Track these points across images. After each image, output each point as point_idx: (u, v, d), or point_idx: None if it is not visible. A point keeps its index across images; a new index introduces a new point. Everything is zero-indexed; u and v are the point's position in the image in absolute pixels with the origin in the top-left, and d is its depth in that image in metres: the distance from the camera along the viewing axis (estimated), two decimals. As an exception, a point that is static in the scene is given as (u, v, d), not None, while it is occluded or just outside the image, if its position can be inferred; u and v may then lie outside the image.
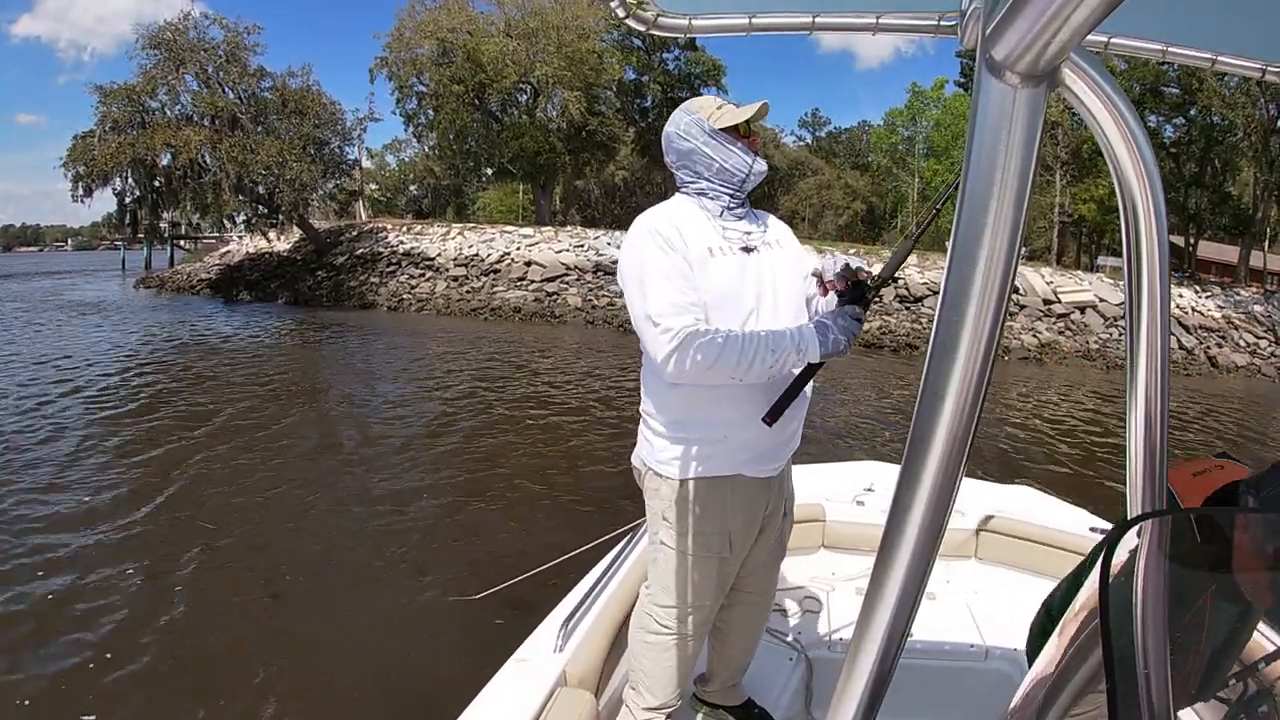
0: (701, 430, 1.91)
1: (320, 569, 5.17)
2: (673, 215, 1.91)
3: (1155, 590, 0.89)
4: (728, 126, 1.91)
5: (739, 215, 1.96)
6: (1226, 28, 1.16)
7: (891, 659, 0.71)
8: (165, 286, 31.98)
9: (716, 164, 1.90)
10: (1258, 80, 1.25)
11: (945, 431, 0.64)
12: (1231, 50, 1.17)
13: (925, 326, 20.13)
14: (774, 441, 1.94)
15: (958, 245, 0.63)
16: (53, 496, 6.42)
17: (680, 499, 1.96)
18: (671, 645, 2.04)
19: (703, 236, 1.87)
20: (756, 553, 2.11)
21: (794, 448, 2.06)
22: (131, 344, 16.35)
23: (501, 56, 32.02)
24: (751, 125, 1.95)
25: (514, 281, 24.30)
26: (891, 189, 46.64)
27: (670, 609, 2.03)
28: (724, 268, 1.85)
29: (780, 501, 2.11)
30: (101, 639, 4.22)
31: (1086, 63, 0.72)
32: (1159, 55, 1.18)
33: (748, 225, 1.96)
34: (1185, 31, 1.15)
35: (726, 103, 1.95)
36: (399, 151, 61.12)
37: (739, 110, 1.93)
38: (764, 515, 2.05)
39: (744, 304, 1.86)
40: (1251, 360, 19.97)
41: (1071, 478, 8.21)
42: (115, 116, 27.25)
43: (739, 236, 1.92)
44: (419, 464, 7.68)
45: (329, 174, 31.21)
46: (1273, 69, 1.17)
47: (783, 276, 1.95)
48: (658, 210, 1.94)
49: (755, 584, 2.20)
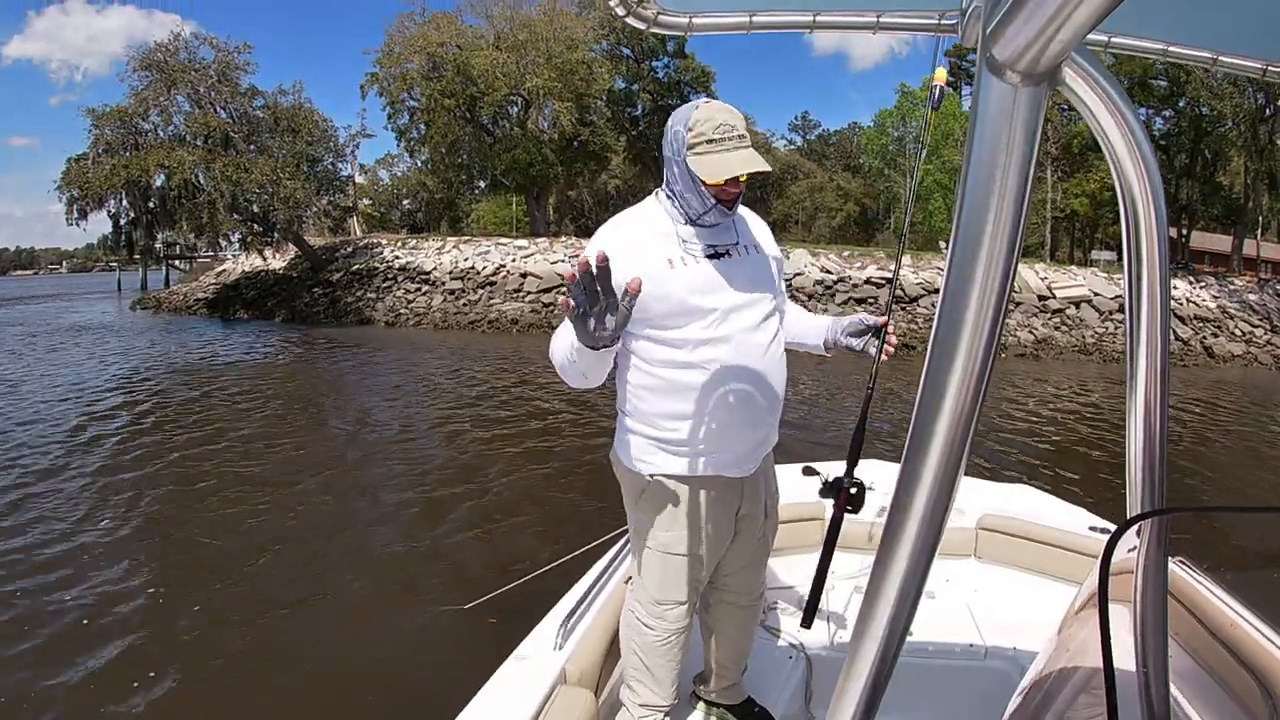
0: (669, 428, 1.92)
1: (320, 577, 5.17)
2: (631, 228, 1.90)
3: (1155, 590, 0.90)
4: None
5: (708, 224, 1.90)
6: (1227, 27, 1.17)
7: (891, 658, 0.71)
8: (162, 307, 32.01)
9: (679, 187, 1.88)
10: (1259, 79, 1.25)
11: (945, 430, 0.65)
12: (1232, 49, 1.17)
13: (920, 326, 20.09)
14: (744, 443, 1.95)
15: (958, 243, 0.63)
16: (48, 510, 6.42)
17: (649, 494, 1.99)
18: (655, 642, 2.06)
19: (660, 249, 1.85)
20: (735, 554, 2.13)
21: (766, 451, 2.06)
22: (129, 366, 16.28)
23: (492, 69, 32.03)
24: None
25: (510, 293, 24.24)
26: (884, 189, 46.61)
27: (648, 605, 2.05)
28: (683, 278, 1.83)
29: (758, 503, 2.10)
30: (93, 654, 4.21)
31: (1087, 62, 0.72)
32: (1160, 54, 1.18)
33: (718, 232, 1.91)
34: (1186, 30, 1.16)
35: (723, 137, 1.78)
36: (392, 166, 61.21)
37: (714, 168, 1.76)
38: (737, 516, 2.05)
39: (707, 311, 1.84)
40: (1247, 349, 19.95)
41: (1071, 477, 8.21)
42: (108, 139, 27.28)
43: (702, 246, 1.88)
44: (423, 476, 7.67)
45: (323, 191, 31.24)
46: (1273, 68, 1.17)
47: (755, 280, 1.94)
48: (619, 220, 1.95)
49: (739, 585, 2.20)
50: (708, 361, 1.86)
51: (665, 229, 1.89)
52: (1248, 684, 0.89)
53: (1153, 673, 0.84)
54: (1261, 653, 0.89)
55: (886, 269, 22.49)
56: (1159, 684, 0.84)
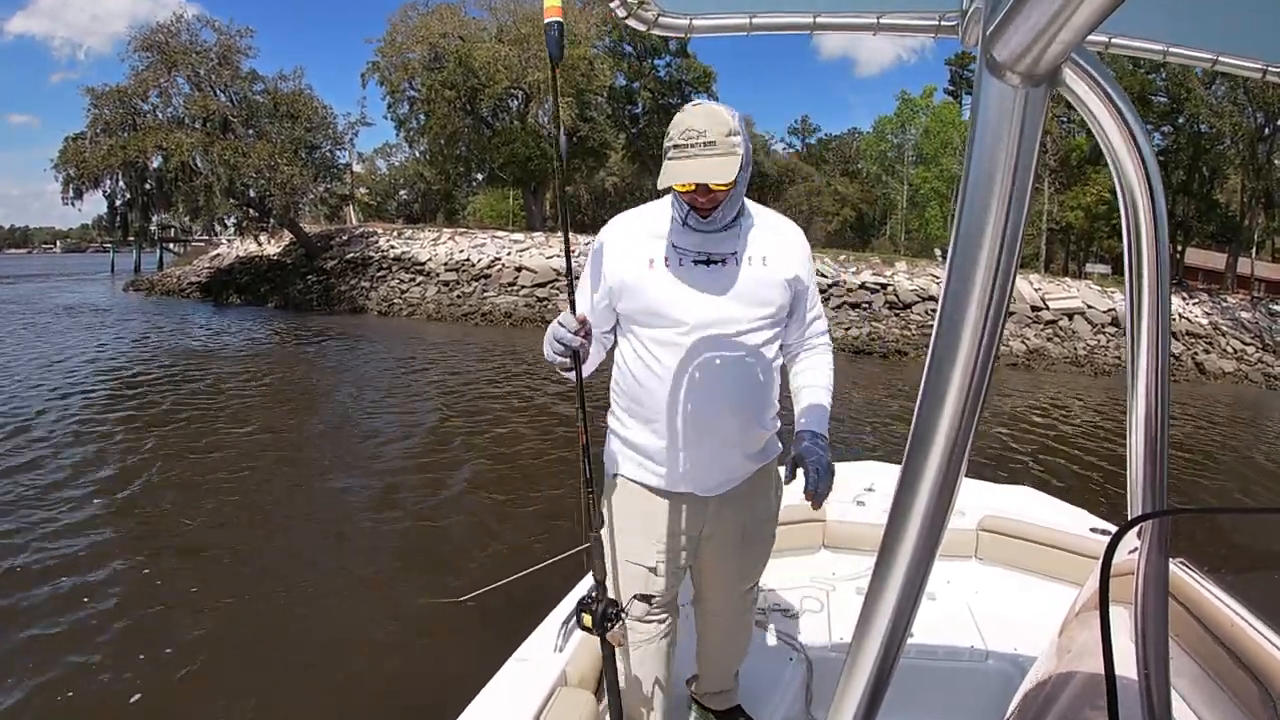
0: (632, 429, 1.92)
1: (310, 572, 5.14)
2: (629, 223, 1.92)
3: (1155, 590, 0.90)
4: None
5: (703, 229, 1.80)
6: (1227, 28, 1.17)
7: (892, 659, 0.71)
8: (155, 289, 31.92)
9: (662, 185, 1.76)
10: (1259, 80, 1.25)
11: (946, 431, 0.64)
12: (1232, 50, 1.17)
13: (915, 333, 20.16)
14: (700, 464, 1.87)
15: (959, 245, 0.63)
16: (30, 495, 6.38)
17: (610, 492, 2.00)
18: (635, 643, 2.02)
19: (646, 248, 1.84)
20: (709, 572, 2.08)
21: (735, 478, 1.93)
22: (119, 348, 16.23)
23: (493, 62, 32.02)
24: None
25: (505, 287, 24.24)
26: (881, 196, 46.76)
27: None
28: (659, 281, 1.81)
29: (732, 525, 1.98)
30: (81, 646, 4.18)
31: (1087, 63, 0.72)
32: (1160, 56, 1.18)
33: (717, 239, 1.82)
34: (1186, 32, 1.15)
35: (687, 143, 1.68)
36: (390, 156, 60.97)
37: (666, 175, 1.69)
38: (700, 537, 1.98)
39: (677, 317, 1.80)
40: (1239, 366, 20.06)
41: (1065, 488, 8.23)
42: (107, 119, 27.11)
43: (694, 252, 1.81)
44: (410, 468, 7.65)
45: (320, 178, 31.08)
46: (1273, 69, 1.17)
47: (746, 295, 1.82)
48: (627, 213, 1.96)
49: (717, 603, 2.15)
50: (672, 371, 1.81)
51: (660, 229, 1.85)
52: (1248, 685, 0.89)
53: (1154, 674, 0.84)
54: (1262, 653, 0.89)
55: (881, 274, 22.54)
56: (1160, 685, 0.83)
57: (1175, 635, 0.91)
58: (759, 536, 2.07)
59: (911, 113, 42.43)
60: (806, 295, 1.97)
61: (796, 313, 1.97)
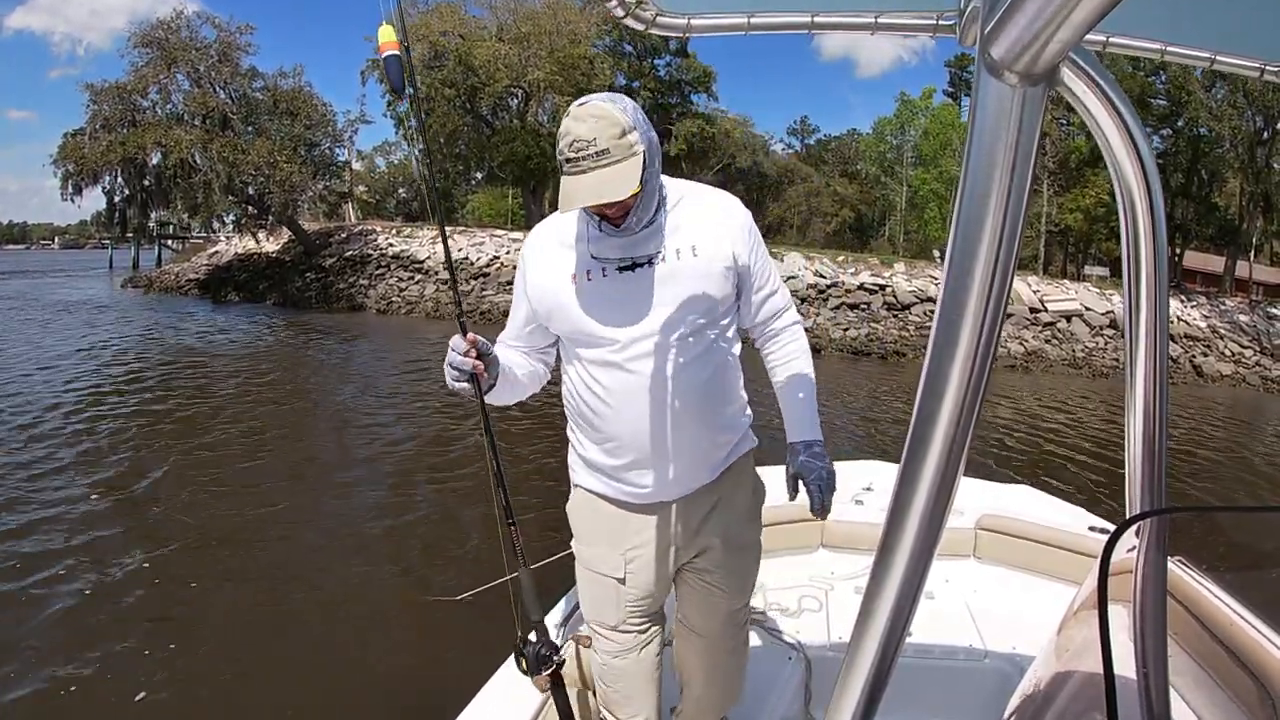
0: (582, 439, 1.83)
1: (309, 570, 5.15)
2: (544, 234, 1.79)
3: (1154, 589, 0.90)
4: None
5: (620, 234, 1.63)
6: (1225, 27, 1.17)
7: (890, 658, 0.71)
8: (153, 286, 31.85)
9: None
10: (1256, 79, 1.26)
11: (944, 430, 0.64)
12: (1230, 49, 1.17)
13: (913, 334, 20.16)
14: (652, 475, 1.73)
15: (958, 244, 0.63)
16: (31, 495, 6.36)
17: (576, 504, 1.92)
18: (606, 661, 1.91)
19: (565, 262, 1.70)
20: (686, 589, 1.91)
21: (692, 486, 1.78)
22: (118, 345, 16.19)
23: (493, 61, 31.95)
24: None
25: (504, 285, 24.19)
26: (880, 197, 46.73)
27: (592, 623, 1.92)
28: (584, 299, 1.67)
29: (714, 525, 1.82)
30: (84, 643, 4.17)
31: (1085, 62, 0.72)
32: (1158, 54, 1.18)
33: (637, 241, 1.65)
34: (1184, 31, 1.15)
35: (577, 156, 1.49)
36: (389, 154, 61.00)
37: (563, 198, 1.51)
38: (677, 543, 1.82)
39: (610, 336, 1.66)
40: (1236, 369, 20.07)
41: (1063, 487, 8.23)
42: (106, 115, 27.13)
43: (616, 259, 1.66)
44: (410, 467, 7.66)
45: (319, 175, 31.11)
46: (1271, 68, 1.18)
47: (679, 296, 1.66)
48: (543, 223, 1.82)
49: (701, 626, 1.93)
50: (615, 393, 1.69)
51: (576, 237, 1.70)
52: (1247, 684, 0.89)
53: (1152, 673, 0.84)
54: (1261, 653, 0.89)
55: (880, 275, 22.56)
56: (1159, 684, 0.83)
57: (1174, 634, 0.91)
58: (743, 541, 1.89)
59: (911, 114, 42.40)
60: (751, 274, 1.77)
61: (744, 295, 1.80)
